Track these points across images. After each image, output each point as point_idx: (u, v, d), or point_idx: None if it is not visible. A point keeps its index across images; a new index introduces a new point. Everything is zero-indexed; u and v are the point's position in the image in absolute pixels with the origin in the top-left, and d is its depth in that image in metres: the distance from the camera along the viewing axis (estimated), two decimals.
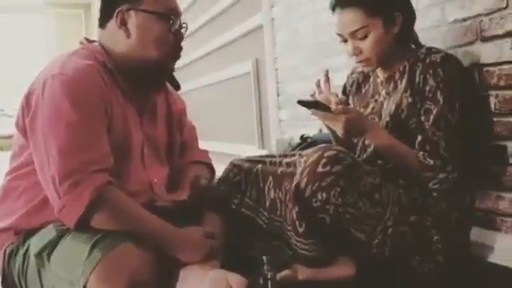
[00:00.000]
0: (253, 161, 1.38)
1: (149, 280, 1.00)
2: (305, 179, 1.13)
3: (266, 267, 1.10)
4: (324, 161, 1.12)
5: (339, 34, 1.29)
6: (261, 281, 1.10)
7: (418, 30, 1.36)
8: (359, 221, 1.14)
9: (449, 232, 1.21)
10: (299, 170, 1.16)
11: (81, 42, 1.25)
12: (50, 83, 1.08)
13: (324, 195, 1.11)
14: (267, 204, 1.29)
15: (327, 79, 1.32)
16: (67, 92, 1.06)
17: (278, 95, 2.85)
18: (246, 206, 1.34)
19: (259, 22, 2.98)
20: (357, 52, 1.27)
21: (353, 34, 1.25)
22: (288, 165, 1.29)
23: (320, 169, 1.12)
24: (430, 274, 1.19)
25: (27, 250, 1.12)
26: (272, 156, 1.39)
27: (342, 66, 2.13)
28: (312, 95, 1.36)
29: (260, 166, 1.35)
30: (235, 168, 1.38)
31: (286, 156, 1.35)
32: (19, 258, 1.13)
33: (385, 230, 1.16)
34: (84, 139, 1.06)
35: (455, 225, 1.22)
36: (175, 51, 1.24)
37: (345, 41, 1.29)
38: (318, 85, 1.34)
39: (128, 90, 1.21)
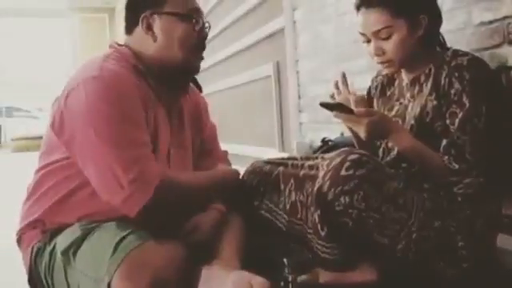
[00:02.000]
0: (274, 163, 1.38)
1: (172, 279, 1.01)
2: (327, 182, 1.12)
3: (286, 270, 1.09)
4: (347, 164, 1.11)
5: (362, 34, 1.27)
6: (282, 284, 1.09)
7: (443, 33, 1.34)
8: (383, 225, 1.13)
9: (474, 238, 1.18)
10: (322, 173, 1.15)
11: (111, 46, 1.28)
12: (92, 84, 1.10)
13: (347, 199, 1.10)
14: (287, 207, 1.29)
15: (344, 80, 1.32)
16: (111, 92, 1.10)
17: (299, 98, 2.84)
18: (264, 208, 1.34)
19: (281, 24, 2.98)
20: (379, 52, 1.25)
21: (376, 34, 1.24)
22: (310, 167, 1.28)
23: (343, 172, 1.10)
24: (454, 280, 1.17)
25: (53, 248, 1.14)
26: (294, 158, 1.38)
27: (364, 69, 2.11)
28: (331, 96, 1.36)
29: (281, 168, 1.34)
30: (255, 170, 1.38)
31: (308, 159, 1.34)
32: (46, 256, 1.16)
33: (409, 235, 1.14)
34: (135, 134, 1.11)
35: (480, 231, 1.19)
36: (199, 50, 1.27)
37: (368, 41, 1.28)
38: (337, 86, 1.33)
39: (158, 91, 1.24)
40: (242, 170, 1.45)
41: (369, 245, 1.16)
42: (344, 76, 1.32)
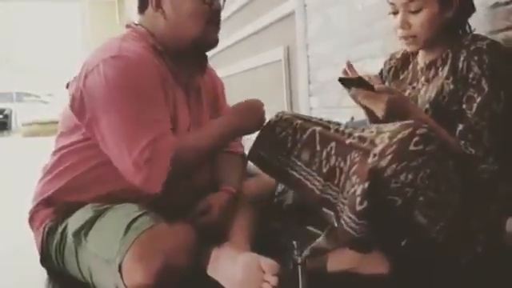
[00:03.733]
0: (309, 121, 1.25)
1: (182, 260, 1.02)
2: (389, 157, 1.02)
3: (295, 252, 1.09)
4: (416, 139, 1.01)
5: (391, 3, 1.24)
6: (291, 266, 1.10)
7: None
8: (432, 205, 1.06)
9: (489, 223, 1.17)
10: (381, 146, 1.04)
11: (128, 26, 1.27)
12: (111, 65, 1.10)
13: (410, 176, 1.02)
14: (324, 170, 1.17)
15: (350, 66, 1.27)
16: (130, 72, 1.10)
17: (309, 83, 2.82)
18: (290, 165, 1.22)
19: (291, 8, 2.95)
20: (405, 26, 1.22)
21: (406, 5, 1.21)
22: (361, 139, 1.13)
23: (412, 147, 1.01)
24: (468, 264, 1.16)
25: (65, 229, 1.15)
26: (337, 123, 1.23)
27: (376, 53, 2.09)
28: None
29: (319, 128, 1.21)
30: (283, 122, 1.25)
31: (356, 128, 1.19)
32: (57, 236, 1.17)
33: (449, 217, 1.09)
34: (153, 115, 1.11)
35: (495, 216, 1.18)
36: (213, 23, 1.24)
37: (395, 13, 1.24)
38: (345, 72, 1.29)
39: (176, 70, 1.24)
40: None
41: (403, 225, 1.09)
42: (349, 63, 1.28)
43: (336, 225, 1.12)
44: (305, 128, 1.22)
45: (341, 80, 1.17)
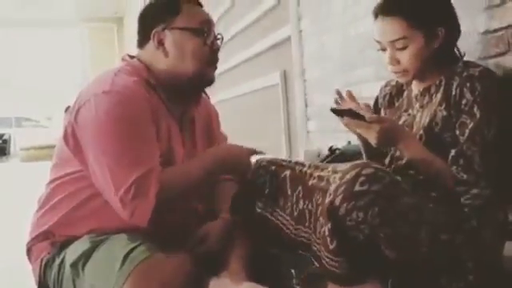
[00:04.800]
0: (280, 165, 1.32)
1: None
2: (340, 197, 1.08)
3: (294, 281, 1.09)
4: (362, 179, 1.06)
5: (378, 42, 1.27)
6: None
7: None
8: (393, 240, 1.10)
9: (480, 250, 1.17)
10: (333, 186, 1.11)
11: (123, 59, 1.29)
12: (102, 100, 1.11)
13: (360, 215, 1.06)
14: (295, 214, 1.25)
15: (341, 96, 1.30)
16: (121, 108, 1.11)
17: (306, 106, 2.85)
18: (269, 211, 1.28)
19: (287, 33, 3.00)
20: (394, 62, 1.25)
21: (392, 44, 1.23)
22: (320, 179, 1.22)
23: (357, 187, 1.06)
24: None
25: (63, 261, 1.15)
26: (302, 164, 1.31)
27: (370, 77, 2.12)
28: (336, 102, 1.34)
29: (288, 172, 1.29)
30: (260, 170, 1.33)
31: (317, 168, 1.27)
32: (55, 268, 1.17)
33: (418, 249, 1.12)
34: (142, 152, 1.11)
35: (487, 242, 1.18)
36: (212, 62, 1.27)
37: (383, 49, 1.27)
38: (337, 102, 1.31)
39: (169, 104, 1.25)
40: None
41: (377, 258, 1.14)
42: (338, 91, 1.30)
43: (318, 265, 1.16)
44: (278, 174, 1.29)
45: (333, 110, 1.19)
